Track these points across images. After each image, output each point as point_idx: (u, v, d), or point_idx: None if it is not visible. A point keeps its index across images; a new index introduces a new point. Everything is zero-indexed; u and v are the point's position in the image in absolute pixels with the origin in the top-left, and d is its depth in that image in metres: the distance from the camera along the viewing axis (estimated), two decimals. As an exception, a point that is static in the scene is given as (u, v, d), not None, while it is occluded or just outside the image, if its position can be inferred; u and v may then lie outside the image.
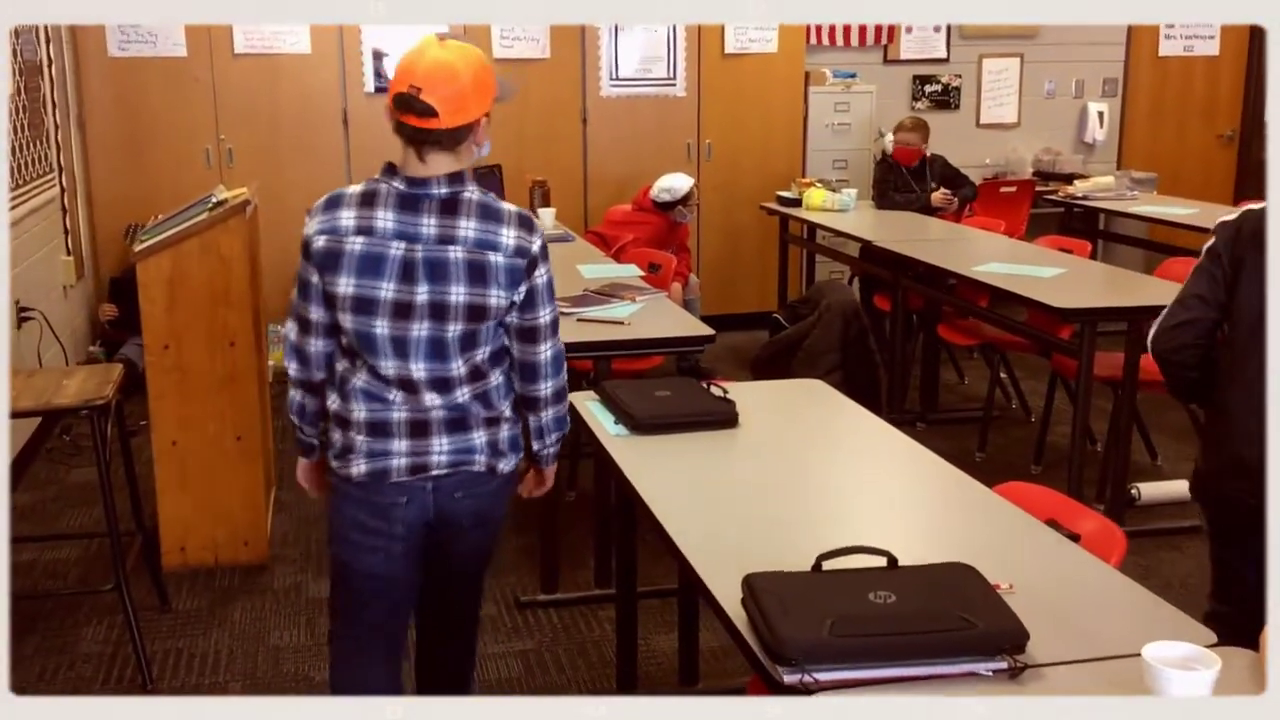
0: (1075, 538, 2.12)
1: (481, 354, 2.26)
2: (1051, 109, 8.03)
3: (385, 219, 2.22)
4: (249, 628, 3.56)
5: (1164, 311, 2.53)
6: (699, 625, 3.17)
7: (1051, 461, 4.79)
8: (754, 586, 1.78)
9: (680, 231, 6.06)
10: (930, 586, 1.78)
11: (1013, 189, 7.01)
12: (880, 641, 1.64)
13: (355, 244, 2.21)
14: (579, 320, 3.74)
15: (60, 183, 5.70)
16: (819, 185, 6.57)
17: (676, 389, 2.81)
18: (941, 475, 2.45)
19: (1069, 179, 7.36)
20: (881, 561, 1.87)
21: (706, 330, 3.59)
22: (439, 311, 2.20)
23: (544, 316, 2.32)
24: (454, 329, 2.21)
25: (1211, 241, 2.47)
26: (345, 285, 2.21)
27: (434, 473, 2.26)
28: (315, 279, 2.26)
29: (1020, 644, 1.66)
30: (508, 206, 2.31)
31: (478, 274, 2.20)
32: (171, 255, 3.71)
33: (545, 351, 2.33)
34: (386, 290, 2.19)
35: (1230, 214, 2.50)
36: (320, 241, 2.24)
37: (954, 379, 6.03)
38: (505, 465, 2.33)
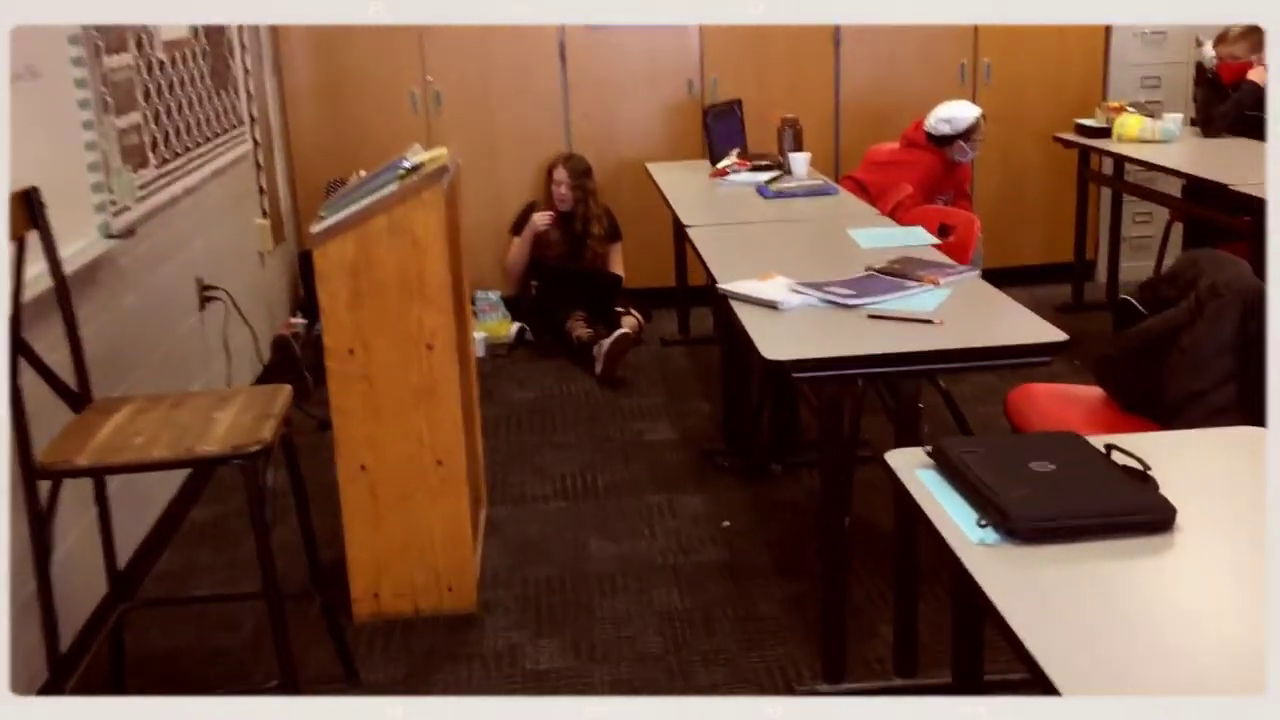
0: None
1: None
2: None
3: None
4: (453, 708, 2.83)
5: None
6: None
7: None
8: None
9: (960, 173, 4.99)
10: None
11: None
12: None
13: None
14: (870, 316, 2.80)
15: (253, 136, 5.10)
16: (1131, 110, 5.35)
17: (1061, 453, 1.85)
18: None
19: None
20: None
21: (1056, 334, 2.58)
22: None
23: None
24: None
25: None
26: None
27: None
28: None
29: None
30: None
31: None
32: (356, 238, 2.96)
33: None
34: None
35: None
36: None
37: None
38: None
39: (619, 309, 5.49)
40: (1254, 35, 5.08)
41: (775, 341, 2.64)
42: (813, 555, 3.37)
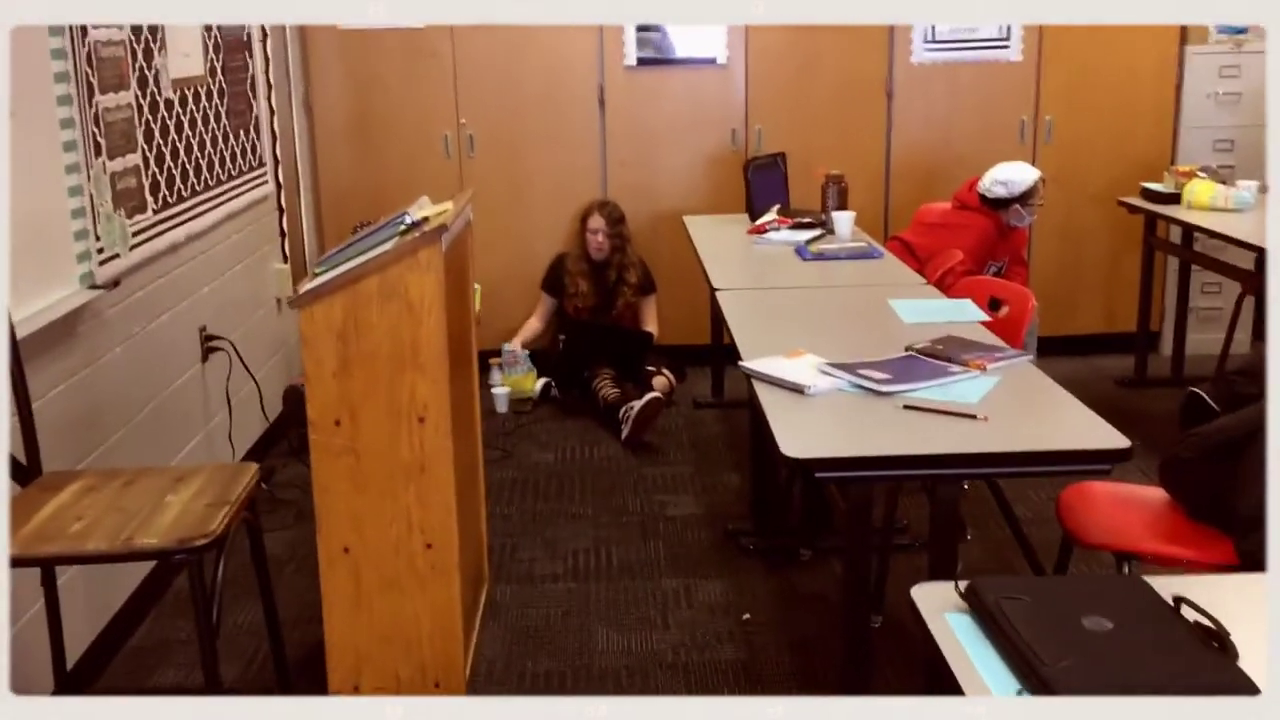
0: None
1: None
2: None
3: None
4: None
5: None
6: None
7: None
8: None
9: (1015, 239, 4.67)
10: None
11: None
12: None
13: None
14: (906, 407, 2.50)
15: (275, 178, 4.91)
16: (1203, 175, 5.01)
17: (1121, 606, 1.54)
18: None
19: None
20: None
21: (1117, 439, 2.27)
22: None
23: None
24: None
25: None
26: None
27: None
28: None
29: None
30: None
31: None
32: (344, 300, 2.72)
33: None
34: None
35: None
36: None
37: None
38: None
39: (650, 368, 5.22)
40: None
41: (798, 433, 2.36)
42: (840, 660, 3.06)
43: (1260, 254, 4.48)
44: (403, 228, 2.87)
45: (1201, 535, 2.68)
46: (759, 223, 4.64)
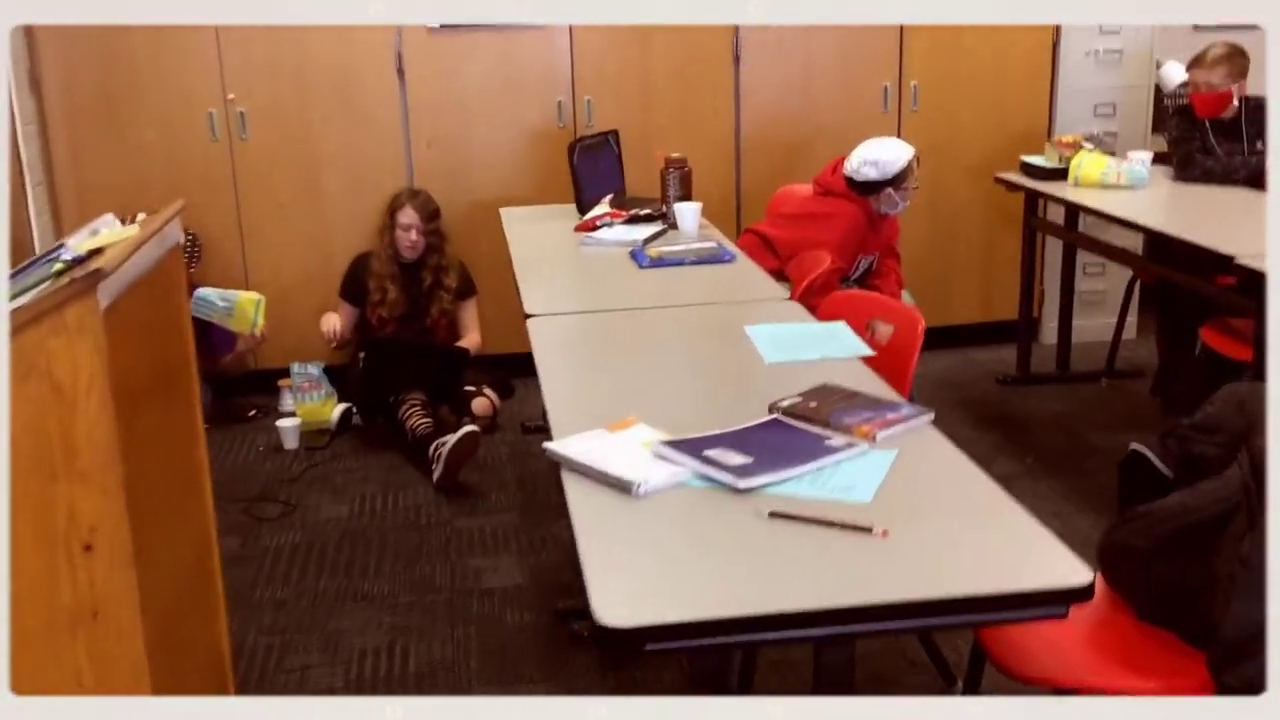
0: None
1: None
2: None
3: None
4: None
5: None
6: None
7: None
8: None
9: (888, 228, 4.00)
10: None
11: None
12: None
13: None
14: (772, 514, 1.76)
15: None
16: (1089, 146, 4.42)
17: None
18: None
19: None
20: None
21: (1076, 572, 1.57)
22: None
23: None
24: None
25: None
26: None
27: None
28: None
29: None
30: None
31: None
32: (-42, 380, 1.85)
33: None
34: None
35: None
36: None
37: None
38: None
39: (469, 387, 4.42)
40: (1235, 60, 4.19)
41: (623, 578, 1.61)
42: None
43: (1156, 238, 3.91)
44: (59, 267, 2.01)
45: (1158, 646, 2.03)
46: (588, 217, 3.87)
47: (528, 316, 2.90)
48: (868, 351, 2.50)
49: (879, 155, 3.77)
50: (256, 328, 4.39)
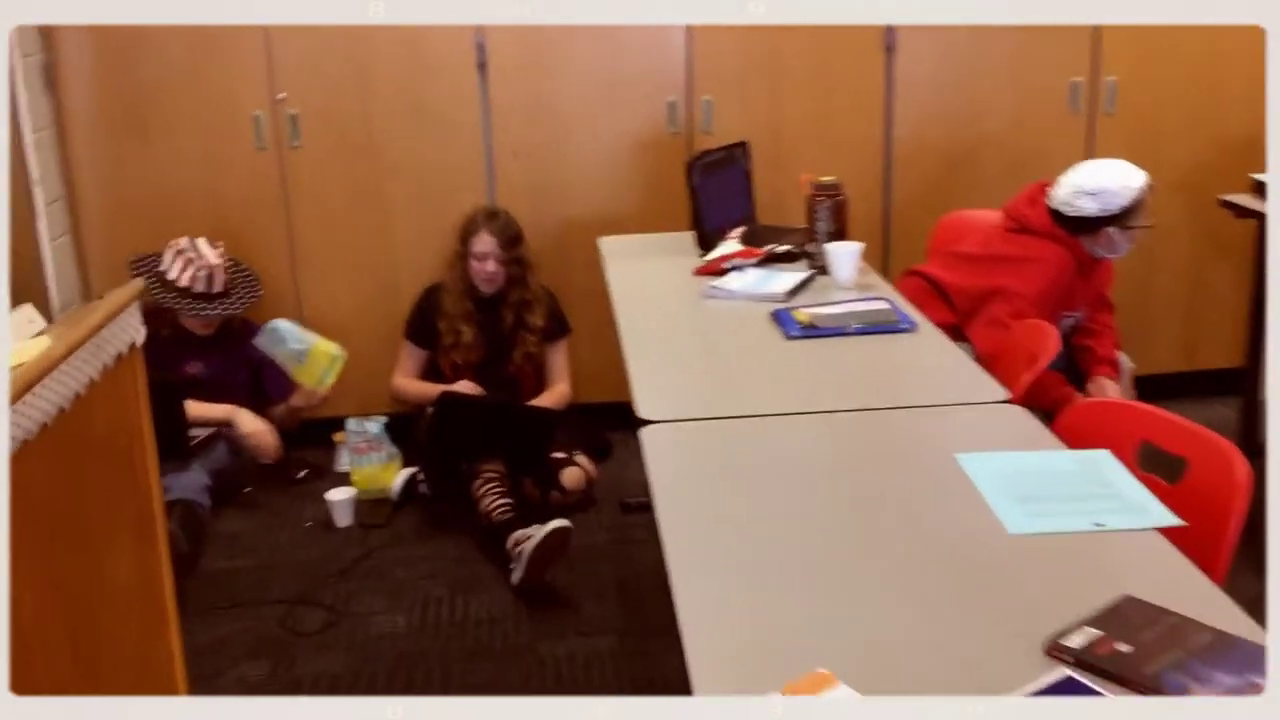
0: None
1: None
2: None
3: None
4: None
5: None
6: None
7: None
8: None
9: (1101, 274, 3.10)
10: None
11: None
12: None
13: None
14: None
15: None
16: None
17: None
18: None
19: None
20: None
21: None
22: None
23: None
24: None
25: None
26: None
27: None
28: None
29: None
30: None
31: None
32: None
33: None
34: None
35: None
36: None
37: None
38: None
39: (558, 454, 3.63)
40: None
41: None
42: None
43: None
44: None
45: None
46: (712, 257, 3.04)
47: (640, 424, 2.08)
48: (1175, 521, 1.62)
49: (1101, 184, 2.87)
50: (323, 385, 3.69)
